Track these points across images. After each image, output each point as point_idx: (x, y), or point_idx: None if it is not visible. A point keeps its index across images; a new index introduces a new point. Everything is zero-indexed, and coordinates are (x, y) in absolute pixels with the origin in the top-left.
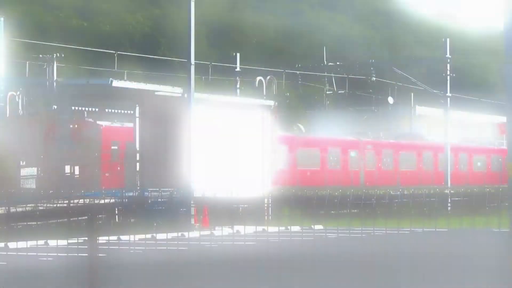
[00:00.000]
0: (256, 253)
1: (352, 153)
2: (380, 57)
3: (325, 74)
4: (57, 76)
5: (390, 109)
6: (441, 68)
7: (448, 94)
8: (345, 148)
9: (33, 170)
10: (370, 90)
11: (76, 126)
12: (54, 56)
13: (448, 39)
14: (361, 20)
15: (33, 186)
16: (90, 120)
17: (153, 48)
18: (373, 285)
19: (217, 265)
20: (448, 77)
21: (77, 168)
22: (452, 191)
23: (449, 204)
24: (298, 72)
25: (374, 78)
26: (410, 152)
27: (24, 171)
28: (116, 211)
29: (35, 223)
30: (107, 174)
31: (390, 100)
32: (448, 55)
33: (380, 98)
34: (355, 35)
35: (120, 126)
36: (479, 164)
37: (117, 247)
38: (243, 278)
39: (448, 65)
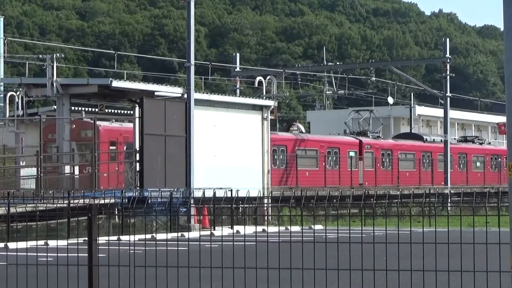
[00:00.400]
0: (256, 253)
1: (352, 153)
2: (379, 57)
3: (325, 74)
4: (57, 76)
5: (390, 109)
6: (440, 68)
7: (448, 94)
8: (344, 148)
9: (33, 170)
10: (370, 90)
11: (75, 126)
12: (54, 56)
13: (448, 39)
14: (361, 20)
15: (33, 186)
16: (89, 120)
17: (153, 48)
18: (373, 285)
19: (217, 265)
20: (448, 77)
21: (77, 168)
22: (452, 191)
23: (449, 204)
24: (298, 72)
25: (374, 78)
26: (410, 152)
27: (24, 171)
28: (116, 211)
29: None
30: (105, 174)
31: (390, 100)
32: (448, 55)
33: (380, 98)
34: (355, 35)
35: (120, 126)
36: (478, 164)
37: (117, 247)
38: (243, 278)
39: (448, 65)
